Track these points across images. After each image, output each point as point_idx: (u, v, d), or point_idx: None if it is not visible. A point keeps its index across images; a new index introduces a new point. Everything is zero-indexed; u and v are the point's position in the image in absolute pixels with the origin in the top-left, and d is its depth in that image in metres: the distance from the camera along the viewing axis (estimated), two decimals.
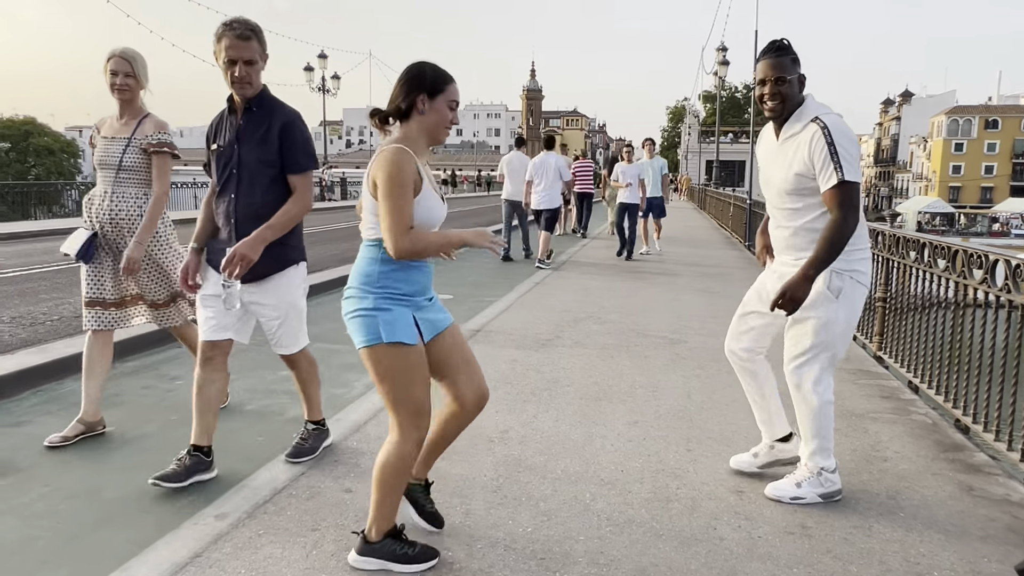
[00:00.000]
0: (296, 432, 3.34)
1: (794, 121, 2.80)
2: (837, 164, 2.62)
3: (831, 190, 2.65)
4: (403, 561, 2.33)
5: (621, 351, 5.38)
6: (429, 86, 2.27)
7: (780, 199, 2.88)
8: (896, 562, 2.48)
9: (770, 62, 2.80)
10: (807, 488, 2.88)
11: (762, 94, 2.83)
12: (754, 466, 3.16)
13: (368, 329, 2.22)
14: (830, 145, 2.64)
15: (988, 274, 3.78)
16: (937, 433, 3.82)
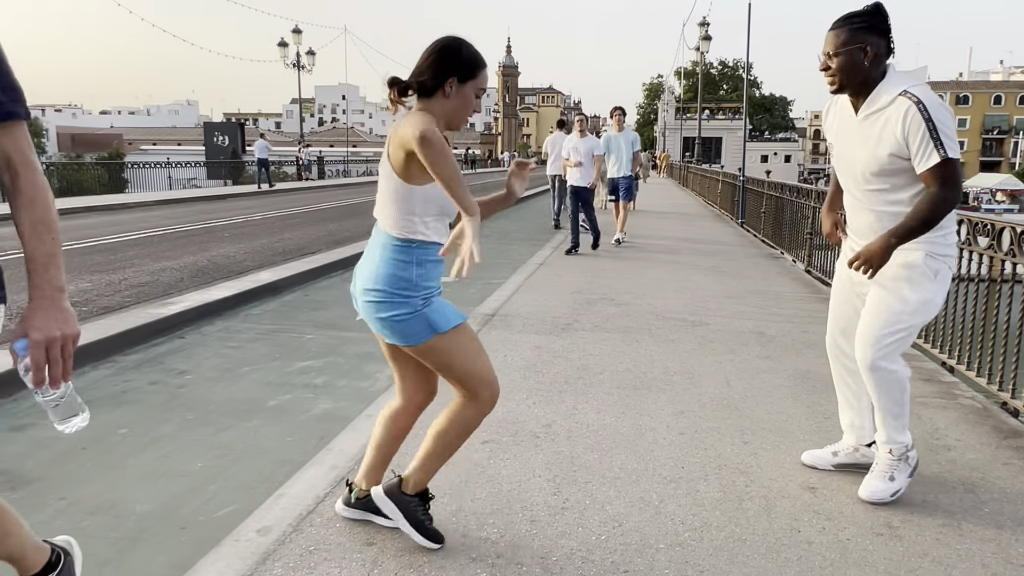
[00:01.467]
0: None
1: (877, 95, 2.57)
2: (938, 142, 2.41)
3: (932, 169, 2.44)
4: (417, 526, 2.30)
5: (644, 334, 5.19)
6: (461, 69, 2.09)
7: (864, 180, 2.65)
8: (998, 565, 2.32)
9: (828, 35, 2.60)
10: (900, 477, 2.71)
11: (821, 68, 2.63)
12: (830, 464, 2.97)
13: (421, 328, 2.12)
14: (928, 121, 2.42)
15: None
16: (992, 418, 3.68)
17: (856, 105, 2.66)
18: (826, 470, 2.98)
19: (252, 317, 5.49)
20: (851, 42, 2.54)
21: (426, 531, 2.31)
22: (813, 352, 4.82)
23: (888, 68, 2.61)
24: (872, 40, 2.55)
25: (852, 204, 2.78)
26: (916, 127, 2.44)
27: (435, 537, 2.33)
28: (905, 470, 2.73)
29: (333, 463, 2.94)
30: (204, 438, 3.18)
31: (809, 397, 3.92)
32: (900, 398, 2.69)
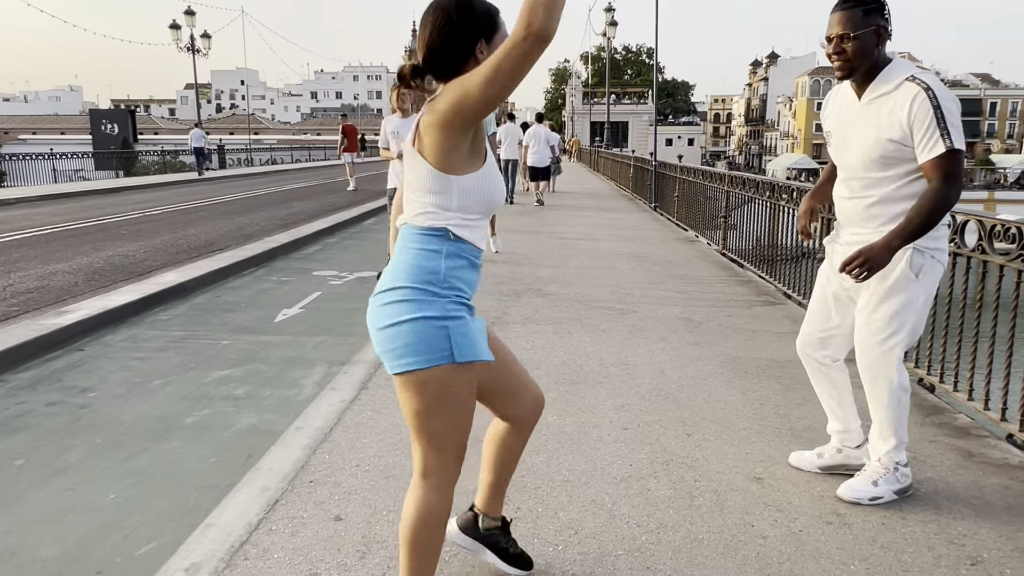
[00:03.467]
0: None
1: (883, 80, 2.47)
2: (944, 131, 2.32)
3: (936, 159, 2.35)
4: (509, 559, 2.10)
5: (575, 325, 5.15)
6: (485, 26, 1.70)
7: (862, 166, 2.55)
8: (943, 546, 2.38)
9: (837, 16, 2.47)
10: (884, 486, 2.64)
11: (829, 53, 2.51)
12: (815, 466, 2.89)
13: (432, 344, 1.66)
14: (936, 109, 2.33)
15: None
16: (913, 395, 3.81)
17: (859, 91, 2.56)
18: (765, 447, 3.00)
19: (160, 323, 5.11)
20: (866, 24, 2.43)
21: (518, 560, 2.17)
22: (740, 336, 4.91)
23: (894, 54, 2.55)
24: (882, 22, 2.46)
25: (844, 191, 2.66)
26: (924, 114, 2.35)
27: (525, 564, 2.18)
28: (892, 483, 2.66)
29: (264, 484, 2.73)
30: (116, 465, 2.89)
31: (742, 383, 3.96)
32: (899, 413, 2.63)
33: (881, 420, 2.65)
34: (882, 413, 2.64)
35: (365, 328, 5.42)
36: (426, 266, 1.71)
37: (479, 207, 1.77)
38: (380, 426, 3.29)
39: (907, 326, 2.55)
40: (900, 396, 2.61)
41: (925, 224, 2.37)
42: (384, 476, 2.80)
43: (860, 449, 2.85)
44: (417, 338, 1.67)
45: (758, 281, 6.98)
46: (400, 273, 1.73)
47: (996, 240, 3.46)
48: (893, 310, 2.53)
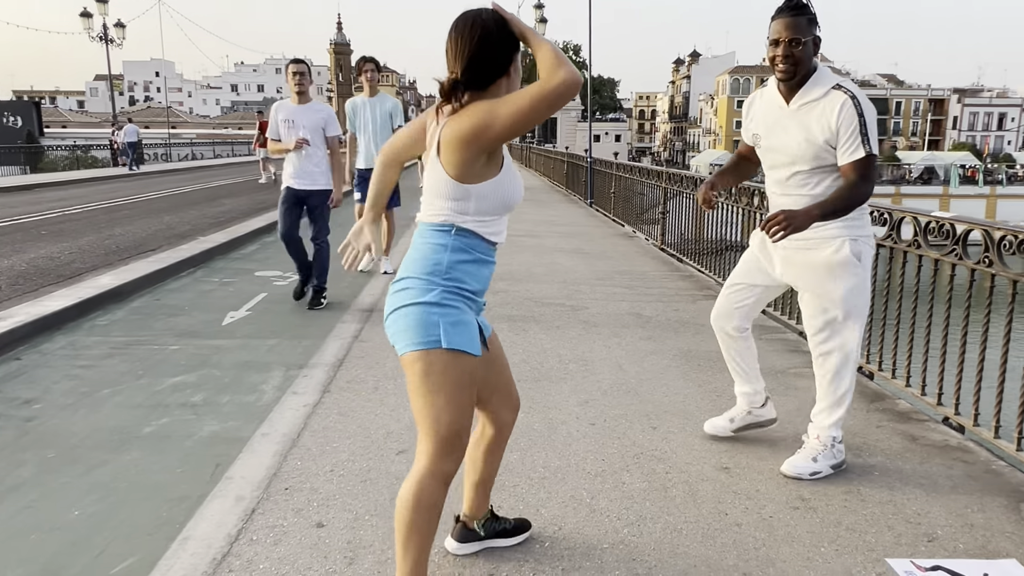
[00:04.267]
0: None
1: (812, 86, 2.67)
2: (865, 137, 2.56)
3: (855, 162, 2.58)
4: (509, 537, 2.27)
5: (530, 323, 5.20)
6: (515, 44, 1.82)
7: (791, 166, 2.76)
8: (900, 525, 2.54)
9: (785, 21, 2.63)
10: (823, 461, 2.86)
11: (774, 56, 2.66)
12: (729, 430, 3.17)
13: (425, 328, 1.80)
14: (860, 117, 2.56)
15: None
16: (856, 384, 4.03)
17: (788, 95, 2.72)
18: (737, 448, 3.12)
19: (99, 329, 4.88)
20: (810, 32, 2.63)
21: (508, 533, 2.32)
22: (689, 331, 5.06)
23: (819, 63, 2.74)
24: (818, 33, 2.66)
25: (776, 192, 2.86)
26: (849, 120, 2.57)
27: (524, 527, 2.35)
28: (829, 458, 2.87)
29: (238, 494, 2.67)
30: (75, 479, 2.77)
31: (698, 376, 4.10)
32: (845, 390, 2.85)
33: (830, 399, 2.87)
34: (833, 393, 2.86)
35: (319, 330, 5.41)
36: (431, 258, 1.85)
37: (497, 209, 1.90)
38: (349, 430, 3.26)
39: (858, 308, 2.79)
40: (853, 376, 2.85)
41: (842, 209, 2.60)
42: (361, 480, 2.78)
43: (765, 407, 3.14)
44: (413, 321, 1.81)
45: (698, 275, 7.20)
46: (410, 265, 1.89)
47: (931, 235, 3.68)
48: (842, 295, 2.73)
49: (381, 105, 6.78)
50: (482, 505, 2.28)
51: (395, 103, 6.89)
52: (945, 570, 2.28)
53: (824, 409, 2.89)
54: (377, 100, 6.77)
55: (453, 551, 2.29)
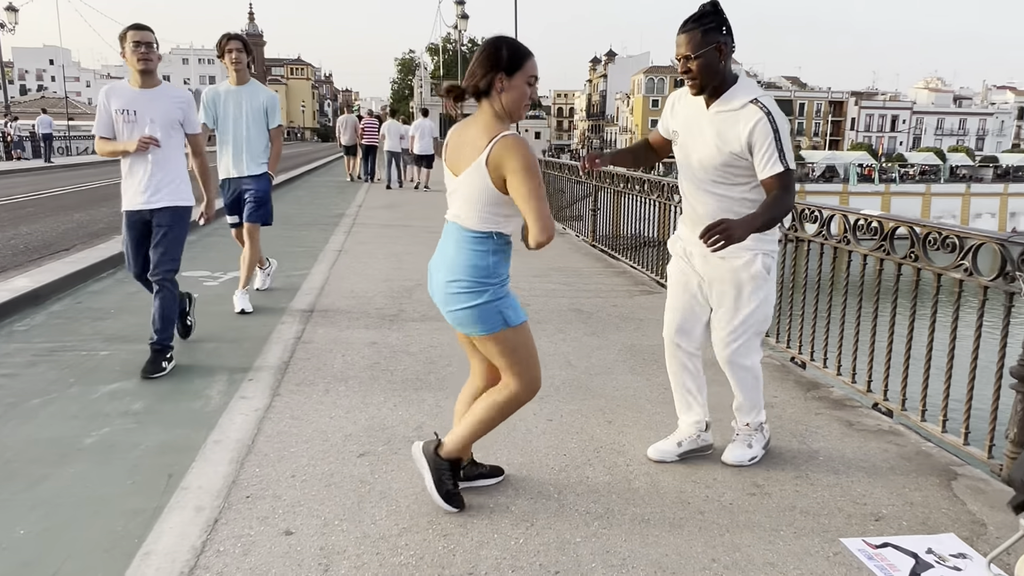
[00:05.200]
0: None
1: (731, 97, 2.70)
2: (780, 153, 2.61)
3: (774, 177, 2.63)
4: (440, 489, 2.50)
5: None
6: (506, 64, 2.27)
7: (704, 172, 2.80)
8: (849, 506, 2.69)
9: (680, 38, 2.67)
10: (757, 446, 3.04)
11: (680, 71, 2.72)
12: (675, 455, 3.02)
13: (494, 319, 2.34)
14: (775, 133, 2.60)
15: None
16: (791, 373, 4.25)
17: (708, 100, 2.75)
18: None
19: (19, 335, 4.58)
20: (707, 43, 2.62)
21: (448, 495, 2.53)
22: (630, 326, 5.19)
23: (739, 73, 2.78)
24: (722, 38, 2.65)
25: (693, 190, 2.87)
26: (763, 137, 2.61)
27: (454, 501, 2.53)
28: (761, 440, 3.07)
29: (197, 504, 2.57)
30: (14, 496, 2.60)
31: (644, 370, 4.21)
32: (756, 388, 3.00)
33: (746, 399, 3.01)
34: (745, 392, 3.00)
35: (258, 332, 5.27)
36: (479, 264, 2.33)
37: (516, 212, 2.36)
38: (305, 434, 3.19)
39: (763, 319, 2.90)
40: (759, 377, 3.01)
41: (773, 219, 2.67)
42: (325, 485, 2.73)
43: (708, 432, 3.09)
44: (479, 318, 2.35)
45: (632, 271, 7.37)
46: (458, 269, 2.34)
47: (859, 232, 3.91)
48: (752, 308, 2.84)
49: (251, 98, 5.26)
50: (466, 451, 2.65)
51: (270, 96, 5.38)
52: (893, 546, 2.44)
53: (743, 405, 3.03)
54: (246, 91, 5.24)
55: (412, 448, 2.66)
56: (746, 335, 2.89)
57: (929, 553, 2.39)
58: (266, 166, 5.42)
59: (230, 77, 5.30)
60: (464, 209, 2.35)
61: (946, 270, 3.24)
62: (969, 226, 3.37)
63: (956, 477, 2.94)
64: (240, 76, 5.26)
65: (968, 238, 3.15)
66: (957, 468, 3.03)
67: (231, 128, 5.25)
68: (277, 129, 5.46)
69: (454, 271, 2.34)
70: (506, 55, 2.28)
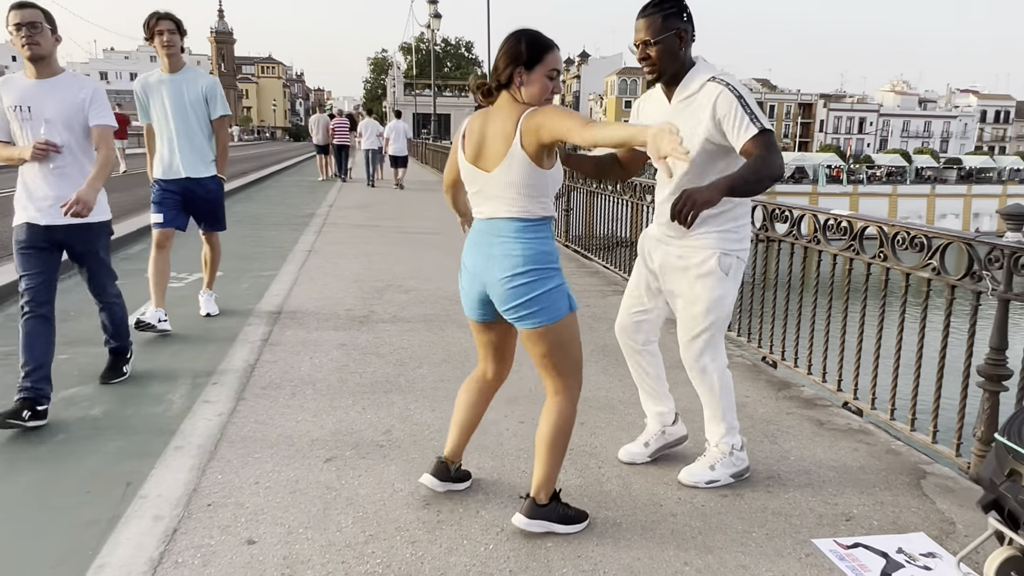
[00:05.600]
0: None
1: (689, 81, 2.57)
2: (752, 116, 2.44)
3: (752, 139, 2.42)
4: (566, 522, 2.41)
5: (446, 321, 5.14)
6: (526, 58, 2.23)
7: (675, 165, 2.56)
8: (820, 506, 2.69)
9: (638, 23, 2.57)
10: (720, 470, 2.82)
11: (638, 58, 2.61)
12: (646, 456, 2.99)
13: (561, 303, 2.30)
14: (739, 99, 2.45)
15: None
16: (762, 373, 4.25)
17: (668, 93, 2.66)
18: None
19: None
20: (667, 29, 2.52)
21: (574, 519, 2.44)
22: (603, 326, 5.16)
23: (698, 58, 2.65)
24: (682, 25, 2.55)
25: (664, 189, 2.77)
26: (728, 106, 2.46)
27: (582, 517, 2.47)
28: (728, 467, 2.82)
29: (156, 513, 2.48)
30: None
31: (616, 371, 4.18)
32: (726, 399, 2.80)
33: (712, 407, 2.83)
34: (712, 401, 2.82)
35: (224, 334, 5.15)
36: (544, 250, 2.29)
37: (555, 189, 2.33)
38: (269, 438, 3.11)
39: (721, 319, 2.74)
40: (726, 383, 2.81)
41: (754, 181, 2.36)
42: (290, 492, 2.65)
43: (677, 424, 3.04)
44: (550, 303, 2.28)
45: (604, 271, 7.36)
46: (524, 260, 2.26)
47: (829, 232, 3.92)
48: (706, 307, 2.69)
49: (188, 86, 4.68)
50: (460, 452, 2.68)
51: (211, 82, 4.78)
52: (864, 547, 2.43)
53: (712, 419, 2.86)
54: (182, 79, 4.67)
55: (431, 486, 2.63)
56: (704, 336, 2.73)
57: (899, 553, 2.39)
58: (213, 165, 4.87)
59: (162, 63, 4.69)
60: (512, 200, 2.26)
61: (914, 269, 3.26)
62: (936, 226, 3.39)
63: (925, 476, 2.95)
64: (173, 62, 4.66)
65: (936, 238, 3.17)
66: (926, 467, 3.04)
67: (167, 122, 4.66)
68: (221, 120, 4.83)
69: (517, 264, 2.25)
70: (526, 49, 2.23)
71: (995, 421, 2.89)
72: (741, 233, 2.71)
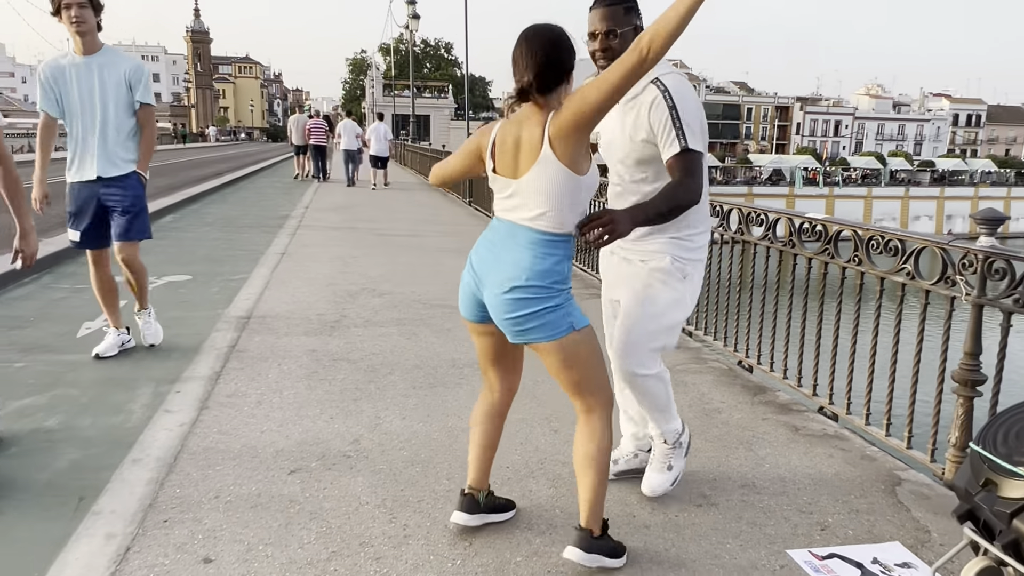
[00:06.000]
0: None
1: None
2: (679, 131, 2.32)
3: (673, 158, 2.34)
4: (615, 555, 2.27)
5: (419, 326, 5.06)
6: (570, 64, 2.11)
7: (626, 170, 2.58)
8: (795, 516, 2.64)
9: (601, 12, 2.41)
10: (676, 463, 2.72)
11: (593, 51, 2.47)
12: (612, 473, 2.84)
13: (560, 323, 2.14)
14: (671, 110, 2.33)
15: None
16: (738, 377, 4.22)
17: None
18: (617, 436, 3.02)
19: None
20: (627, 22, 2.42)
21: (620, 552, 2.30)
22: None
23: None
24: (639, 22, 2.45)
25: (618, 192, 2.65)
26: (661, 115, 2.35)
27: (623, 549, 2.32)
28: (680, 455, 2.74)
29: (108, 531, 2.38)
30: None
31: None
32: (664, 397, 2.64)
33: (655, 409, 2.65)
34: (655, 403, 2.63)
35: (190, 340, 5.00)
36: (554, 269, 2.13)
37: (589, 198, 2.17)
38: (233, 449, 3.01)
39: (671, 325, 2.56)
40: (667, 384, 2.64)
41: (666, 210, 2.29)
42: (251, 506, 2.56)
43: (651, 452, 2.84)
44: (544, 323, 2.12)
45: (582, 274, 7.31)
46: (530, 274, 2.10)
47: (804, 236, 3.90)
48: (660, 310, 2.50)
49: (107, 70, 3.97)
50: (485, 478, 2.47)
51: (135, 65, 4.07)
52: (839, 557, 2.39)
53: (651, 417, 2.69)
54: (99, 61, 3.95)
55: (463, 523, 2.42)
56: (648, 340, 2.51)
57: (875, 563, 2.35)
58: (133, 164, 4.09)
59: (74, 44, 3.96)
60: (540, 210, 2.10)
61: (888, 274, 3.24)
62: (909, 229, 3.38)
63: (900, 483, 2.92)
64: (87, 42, 3.89)
65: (910, 242, 3.15)
66: (901, 473, 3.01)
67: (80, 112, 3.95)
68: (147, 110, 4.10)
69: (521, 276, 2.10)
70: (569, 55, 2.11)
71: (970, 427, 2.87)
72: (696, 243, 2.56)
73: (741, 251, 4.50)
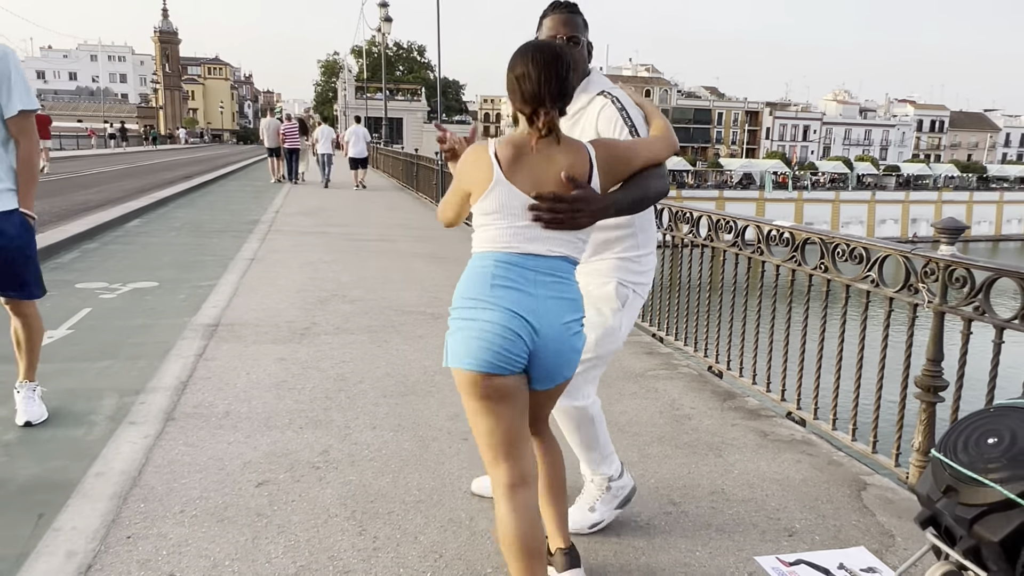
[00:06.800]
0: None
1: (580, 93, 2.32)
2: (631, 129, 2.26)
3: None
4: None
5: (391, 333, 5.03)
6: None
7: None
8: (763, 522, 2.67)
9: (562, 18, 2.32)
10: (601, 508, 2.55)
11: None
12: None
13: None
14: (621, 111, 2.27)
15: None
16: (708, 383, 4.25)
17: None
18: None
19: None
20: (585, 33, 2.34)
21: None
22: None
23: (593, 70, 2.44)
24: (589, 38, 2.38)
25: None
26: (609, 118, 2.28)
27: None
28: (609, 502, 2.55)
29: (69, 548, 2.32)
30: None
31: None
32: (591, 432, 2.49)
33: (585, 441, 2.51)
34: (585, 436, 2.49)
35: (154, 350, 4.92)
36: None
37: None
38: (199, 462, 2.96)
39: (605, 354, 2.44)
40: (598, 414, 2.51)
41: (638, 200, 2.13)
42: (217, 520, 2.51)
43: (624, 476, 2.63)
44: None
45: None
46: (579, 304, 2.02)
47: (772, 242, 3.94)
48: (596, 338, 2.35)
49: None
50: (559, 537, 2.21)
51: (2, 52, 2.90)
52: (807, 563, 2.42)
53: (579, 453, 2.55)
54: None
55: None
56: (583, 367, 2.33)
57: (841, 569, 2.38)
58: (13, 194, 2.99)
59: None
60: (577, 240, 1.99)
61: (854, 281, 3.29)
62: (876, 232, 3.45)
63: (865, 487, 2.96)
64: None
65: (874, 249, 3.20)
66: (866, 477, 3.06)
67: None
68: (23, 119, 2.95)
69: (577, 308, 2.00)
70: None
71: (932, 431, 2.93)
72: (644, 266, 2.45)
73: (711, 256, 4.54)
